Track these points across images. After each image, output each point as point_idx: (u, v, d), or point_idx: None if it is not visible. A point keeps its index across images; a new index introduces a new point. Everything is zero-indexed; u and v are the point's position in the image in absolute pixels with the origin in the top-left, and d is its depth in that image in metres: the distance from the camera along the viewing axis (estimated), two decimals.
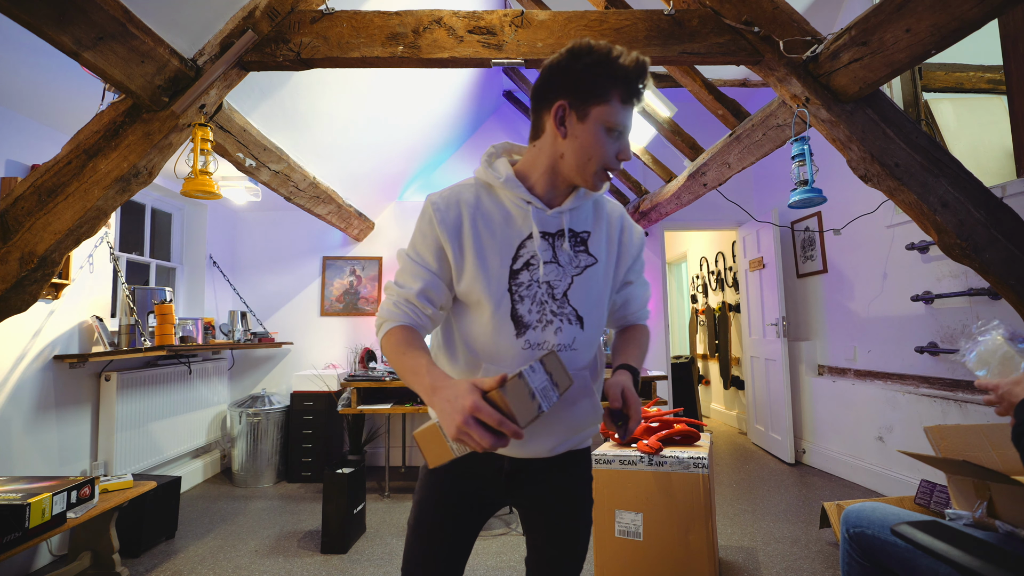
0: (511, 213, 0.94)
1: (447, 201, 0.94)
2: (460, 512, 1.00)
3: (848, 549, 1.44)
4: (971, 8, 1.34)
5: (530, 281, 0.93)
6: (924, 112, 3.04)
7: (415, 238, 0.96)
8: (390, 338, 0.91)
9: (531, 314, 0.92)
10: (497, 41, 1.84)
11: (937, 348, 2.87)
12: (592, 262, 0.97)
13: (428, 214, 0.94)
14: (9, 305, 1.68)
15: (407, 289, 0.93)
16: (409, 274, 0.95)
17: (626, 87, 0.86)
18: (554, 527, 1.03)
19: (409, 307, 0.93)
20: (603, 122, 0.87)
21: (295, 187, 2.98)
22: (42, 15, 1.26)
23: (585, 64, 0.86)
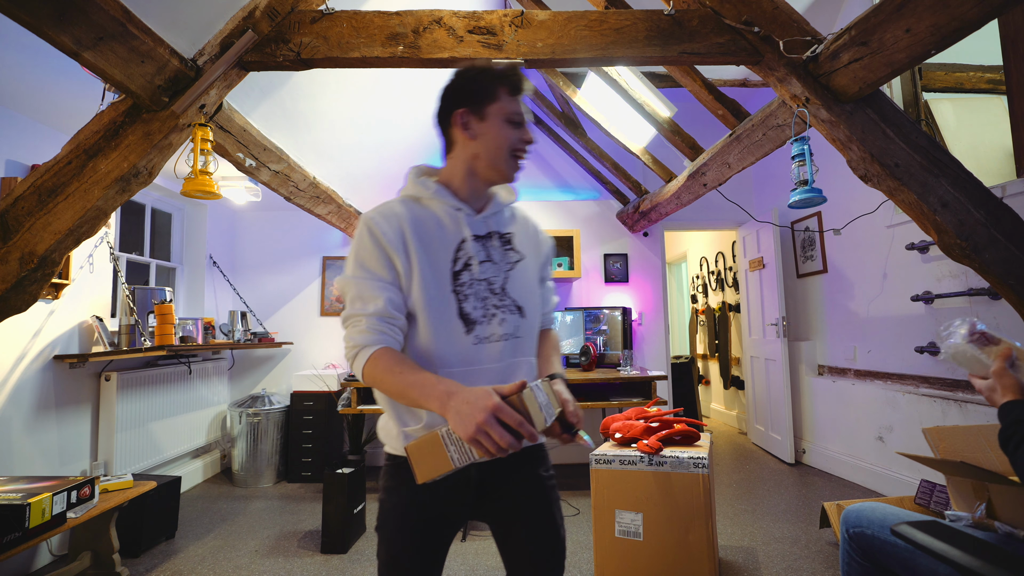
0: (443, 221, 1.02)
1: (385, 216, 0.98)
2: (434, 546, 1.01)
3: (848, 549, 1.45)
4: (971, 8, 1.34)
5: (471, 280, 1.00)
6: (924, 112, 3.04)
7: (360, 259, 0.96)
8: (377, 362, 0.89)
9: (476, 310, 0.99)
10: (497, 41, 1.84)
11: (937, 348, 2.87)
12: (520, 257, 1.08)
13: (370, 232, 0.96)
14: (9, 305, 1.67)
15: (372, 307, 0.93)
16: (368, 291, 0.94)
17: (508, 82, 1.00)
18: (532, 524, 1.05)
19: (383, 324, 0.93)
20: (501, 115, 1.00)
21: (295, 187, 2.98)
22: (42, 15, 1.26)
23: (470, 77, 1.01)
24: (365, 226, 0.98)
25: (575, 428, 0.93)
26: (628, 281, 4.53)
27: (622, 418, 2.39)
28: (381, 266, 0.95)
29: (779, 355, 4.06)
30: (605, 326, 4.07)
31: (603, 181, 4.54)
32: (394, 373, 0.87)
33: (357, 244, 0.98)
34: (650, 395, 3.43)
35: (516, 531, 1.04)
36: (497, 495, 1.04)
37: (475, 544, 2.64)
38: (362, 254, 0.96)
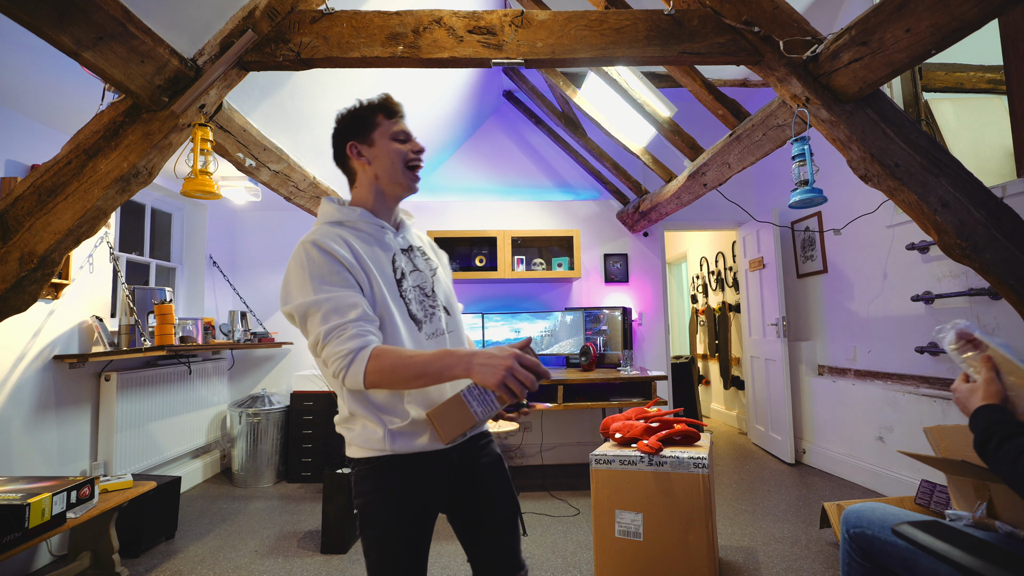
0: (374, 239, 1.11)
1: (330, 237, 1.03)
2: (425, 539, 1.07)
3: (848, 549, 1.44)
4: (971, 8, 1.34)
5: (409, 287, 1.11)
6: (924, 112, 3.04)
7: (320, 276, 0.98)
8: (381, 357, 0.92)
9: (420, 311, 1.11)
10: (497, 41, 1.84)
11: (937, 348, 2.87)
12: (436, 265, 1.23)
13: (322, 251, 1.00)
14: (9, 305, 1.67)
15: (353, 314, 0.95)
16: (343, 304, 0.96)
17: (383, 108, 1.13)
18: (499, 493, 1.16)
19: (370, 326, 0.97)
20: (385, 136, 1.12)
21: (295, 187, 2.98)
22: (42, 15, 1.26)
23: (348, 115, 1.15)
24: (314, 247, 1.00)
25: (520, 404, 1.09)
26: (628, 281, 4.53)
27: (622, 418, 2.39)
28: (344, 280, 0.98)
29: (779, 355, 4.05)
30: (605, 326, 4.07)
31: (603, 181, 4.54)
32: (401, 362, 0.91)
33: (310, 265, 0.99)
34: (650, 395, 3.42)
35: (487, 503, 1.15)
36: (469, 479, 1.14)
37: None
38: (320, 273, 0.98)
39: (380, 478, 1.03)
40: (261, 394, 3.94)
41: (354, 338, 0.93)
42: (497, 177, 4.69)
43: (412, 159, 1.12)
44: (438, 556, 2.49)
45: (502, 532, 1.15)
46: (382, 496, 1.03)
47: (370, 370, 0.91)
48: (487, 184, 4.68)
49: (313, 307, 0.96)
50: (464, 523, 1.16)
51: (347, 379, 0.92)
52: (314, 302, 0.96)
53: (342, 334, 0.94)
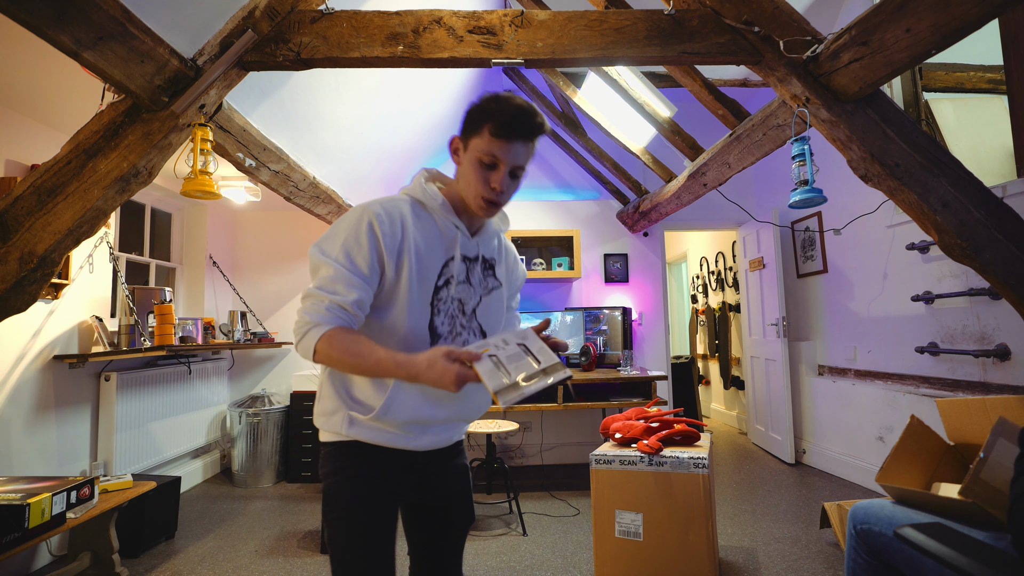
0: (440, 235, 1.04)
1: (390, 216, 0.98)
2: (392, 523, 1.04)
3: (854, 546, 1.44)
4: (971, 8, 1.33)
5: (447, 297, 1.03)
6: (924, 112, 3.04)
7: (347, 244, 0.95)
8: (332, 340, 0.90)
9: (443, 326, 1.03)
10: (497, 41, 1.84)
11: (938, 348, 2.87)
12: (497, 285, 1.13)
13: (370, 224, 0.95)
14: (9, 305, 1.67)
15: (340, 297, 0.93)
16: (342, 283, 0.94)
17: (496, 122, 0.95)
18: (459, 504, 1.15)
19: (343, 312, 0.93)
20: (475, 152, 0.98)
21: (295, 187, 2.98)
22: (42, 15, 1.26)
23: (476, 106, 0.99)
24: (366, 217, 0.96)
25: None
26: (628, 281, 4.52)
27: (622, 418, 2.39)
28: (366, 264, 0.95)
29: (779, 355, 4.05)
30: (605, 326, 4.07)
31: (603, 181, 4.53)
32: (350, 353, 0.90)
33: (350, 229, 0.96)
34: (650, 395, 3.42)
35: (443, 509, 1.14)
36: (433, 480, 1.12)
37: (475, 544, 2.64)
38: (352, 243, 0.95)
39: (347, 457, 1.02)
40: (261, 394, 3.94)
41: (322, 312, 0.92)
42: None
43: (485, 194, 0.99)
44: None
45: (450, 540, 1.14)
46: (347, 473, 1.02)
47: (319, 349, 0.91)
48: None
49: (322, 265, 0.96)
50: (415, 523, 1.15)
51: (298, 348, 0.93)
52: (326, 263, 0.95)
53: (318, 303, 0.93)
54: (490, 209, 1.01)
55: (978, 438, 1.69)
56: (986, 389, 2.61)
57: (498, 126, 0.95)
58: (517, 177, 1.01)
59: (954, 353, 2.76)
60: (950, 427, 1.78)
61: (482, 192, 0.99)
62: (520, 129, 0.96)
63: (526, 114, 0.95)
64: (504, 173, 0.98)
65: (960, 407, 1.76)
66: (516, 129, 0.95)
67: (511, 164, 0.98)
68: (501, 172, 0.98)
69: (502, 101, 0.96)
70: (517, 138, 0.96)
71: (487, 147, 0.96)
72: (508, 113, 0.95)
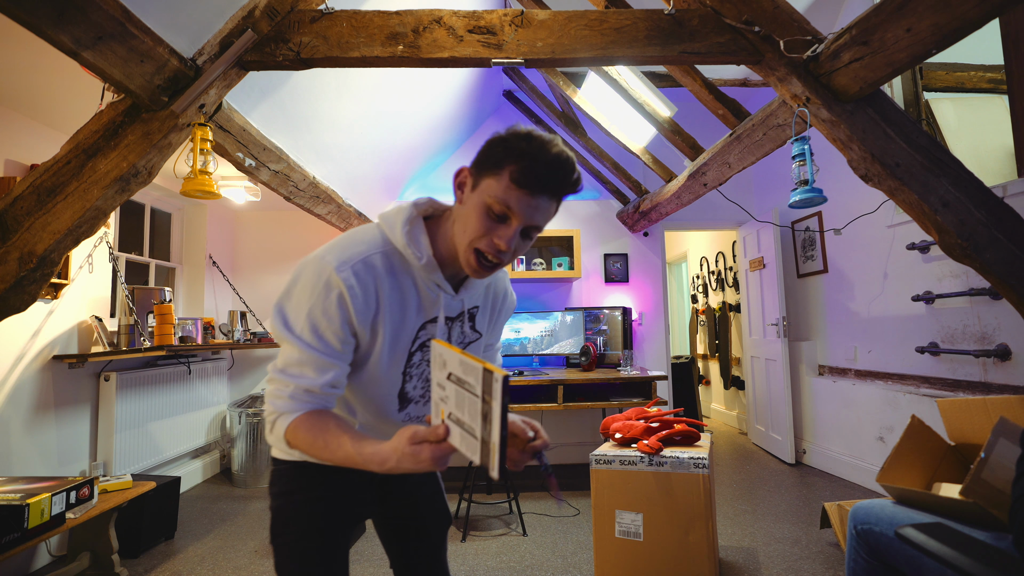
0: (420, 296, 0.89)
1: (362, 280, 0.81)
2: (344, 547, 0.98)
3: (855, 546, 1.44)
4: (972, 7, 1.33)
5: (420, 361, 0.93)
6: (925, 112, 3.04)
7: (314, 318, 0.80)
8: (298, 432, 0.80)
9: (415, 390, 0.95)
10: (497, 41, 1.84)
11: (938, 348, 2.87)
12: (476, 338, 1.01)
13: (340, 297, 0.80)
14: (8, 305, 1.67)
15: (308, 380, 0.81)
16: (310, 366, 0.81)
17: (523, 167, 0.75)
18: (431, 508, 1.11)
19: (311, 397, 0.82)
20: (485, 194, 0.78)
21: (295, 187, 2.98)
22: (41, 15, 1.26)
23: (499, 139, 0.79)
24: (335, 287, 0.80)
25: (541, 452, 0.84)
26: (628, 281, 4.52)
27: (622, 418, 2.39)
28: (338, 339, 0.82)
29: (779, 355, 4.05)
30: (605, 326, 4.07)
31: (603, 181, 4.53)
32: (318, 446, 0.79)
33: (316, 299, 0.80)
34: (650, 395, 3.42)
35: (414, 514, 1.09)
36: (395, 493, 1.07)
37: (475, 544, 2.63)
38: (319, 317, 0.80)
39: (303, 477, 0.95)
40: (261, 394, 3.93)
41: (286, 400, 0.82)
42: None
43: (483, 247, 0.80)
44: None
45: (427, 545, 1.10)
46: (303, 495, 0.95)
47: (291, 441, 0.82)
48: None
49: (287, 344, 0.83)
50: (389, 533, 1.10)
51: (270, 440, 0.85)
52: (291, 343, 0.82)
53: (282, 389, 0.82)
54: (482, 271, 0.83)
55: (979, 438, 1.69)
56: (987, 389, 2.61)
57: (524, 172, 0.76)
58: (530, 238, 0.83)
59: (955, 353, 2.76)
60: (951, 427, 1.79)
61: (479, 245, 0.80)
62: (551, 182, 0.77)
63: (563, 166, 0.77)
64: (515, 231, 0.79)
65: (961, 407, 1.76)
66: (546, 182, 0.77)
67: (527, 222, 0.79)
68: (512, 229, 0.79)
69: (536, 142, 0.76)
70: (544, 192, 0.77)
71: (503, 194, 0.77)
72: (542, 161, 0.76)
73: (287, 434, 0.81)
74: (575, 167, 0.79)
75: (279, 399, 0.82)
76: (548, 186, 0.77)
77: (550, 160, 0.76)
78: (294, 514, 0.95)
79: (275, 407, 0.82)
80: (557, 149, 0.77)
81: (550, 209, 0.81)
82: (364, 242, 0.85)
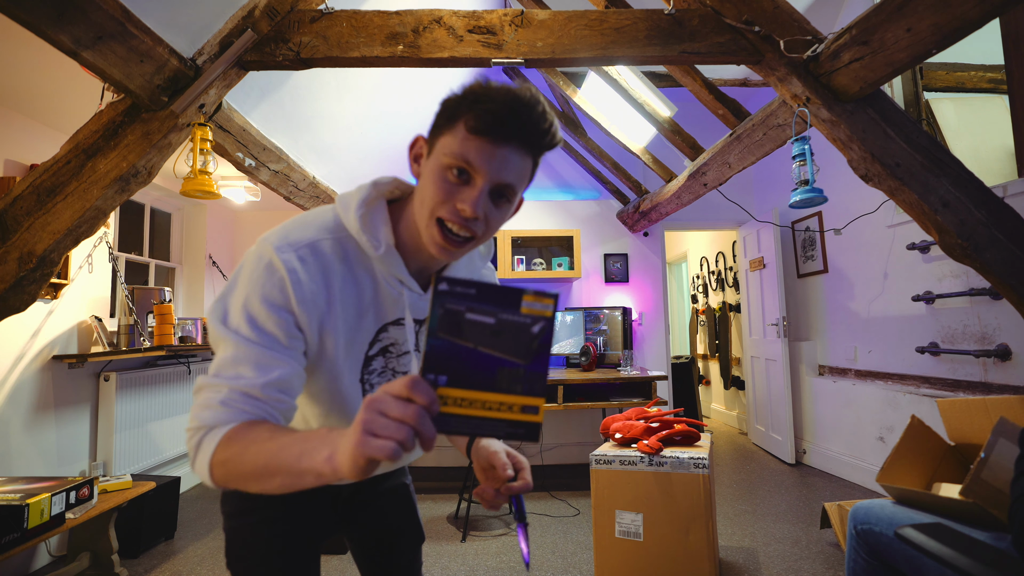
0: (380, 292, 0.75)
1: (308, 268, 0.67)
2: (308, 568, 0.90)
3: (855, 546, 1.44)
4: (972, 7, 1.33)
5: (383, 368, 0.78)
6: (925, 112, 3.04)
7: (250, 306, 0.64)
8: (230, 446, 0.58)
9: None
10: (497, 41, 1.84)
11: (938, 348, 2.87)
12: None
13: (278, 276, 0.65)
14: (8, 305, 1.67)
15: (244, 380, 0.62)
16: (248, 363, 0.62)
17: (479, 111, 0.61)
18: (401, 523, 1.02)
19: (249, 401, 0.61)
20: (441, 155, 0.64)
21: (295, 187, 2.98)
22: (41, 14, 1.26)
23: (451, 98, 0.66)
24: (277, 270, 0.66)
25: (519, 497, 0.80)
26: (628, 281, 4.52)
27: (622, 418, 2.39)
28: (278, 327, 0.65)
29: (779, 355, 4.05)
30: (605, 326, 4.07)
31: (603, 181, 4.53)
32: (250, 457, 0.56)
33: (253, 284, 0.65)
34: (650, 395, 3.42)
35: (384, 530, 1.01)
36: (360, 512, 0.99)
37: (475, 544, 2.63)
38: (256, 305, 0.64)
39: (254, 497, 0.84)
40: None
41: (215, 407, 0.60)
42: None
43: (445, 215, 0.65)
44: (438, 557, 2.49)
45: (399, 563, 1.01)
46: (260, 515, 0.87)
47: (216, 472, 0.58)
48: None
49: (221, 342, 0.65)
50: (357, 550, 1.03)
51: (195, 470, 0.60)
52: (224, 337, 0.64)
53: (213, 396, 0.61)
54: (448, 246, 0.67)
55: (979, 438, 1.69)
56: (987, 389, 2.61)
57: (481, 117, 0.61)
58: (506, 200, 0.67)
59: (955, 353, 2.76)
60: (951, 427, 1.79)
61: (440, 213, 0.65)
62: (516, 127, 0.62)
63: (528, 108, 0.62)
64: (481, 191, 0.63)
65: (961, 407, 1.76)
66: (511, 126, 0.62)
67: (494, 178, 0.63)
68: (477, 189, 0.64)
69: (495, 85, 0.63)
70: (509, 140, 0.62)
71: (460, 148, 0.63)
72: (501, 101, 0.61)
73: (215, 456, 0.58)
74: (548, 114, 0.64)
75: (207, 409, 0.60)
76: (513, 132, 0.62)
77: (511, 100, 0.62)
78: (251, 538, 0.86)
79: (200, 421, 0.60)
80: (522, 91, 0.63)
81: (523, 165, 0.65)
82: (314, 225, 0.71)
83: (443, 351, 0.46)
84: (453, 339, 0.46)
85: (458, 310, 0.46)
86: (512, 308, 0.47)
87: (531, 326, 0.47)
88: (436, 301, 0.45)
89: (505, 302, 0.46)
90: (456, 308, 0.46)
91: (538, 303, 0.47)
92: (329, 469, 0.49)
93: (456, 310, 0.46)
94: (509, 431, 0.49)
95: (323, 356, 0.72)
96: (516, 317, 0.47)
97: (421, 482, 3.67)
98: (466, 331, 0.46)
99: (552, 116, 0.66)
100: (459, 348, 0.47)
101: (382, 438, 0.44)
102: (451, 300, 0.45)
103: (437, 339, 0.46)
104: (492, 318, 0.47)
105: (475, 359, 0.47)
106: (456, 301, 0.46)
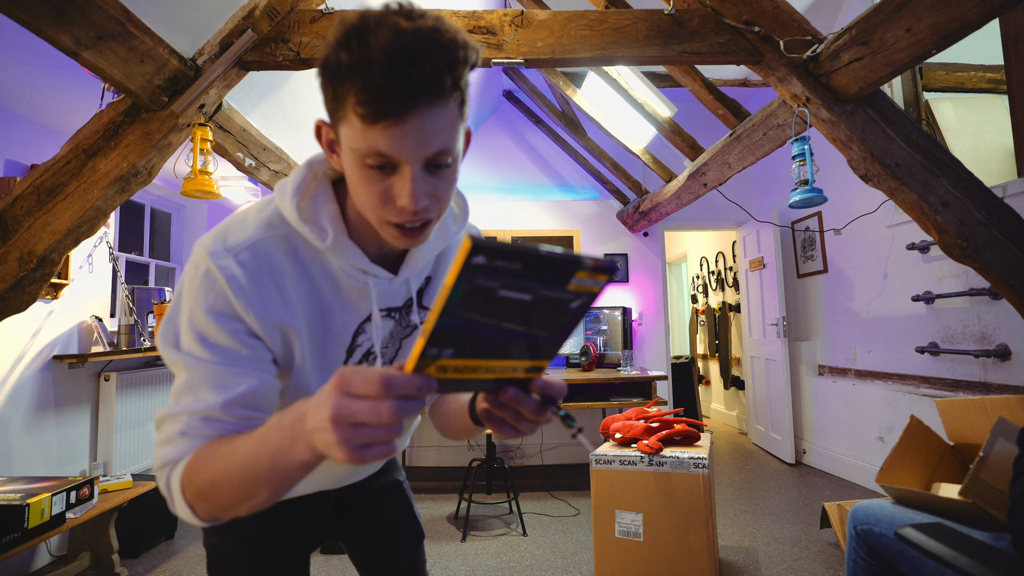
0: (342, 287, 0.66)
1: (248, 271, 0.59)
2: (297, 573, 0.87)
3: (855, 546, 1.44)
4: (972, 8, 1.33)
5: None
6: (925, 112, 3.04)
7: (195, 321, 0.58)
8: (193, 487, 0.52)
9: None
10: (497, 41, 1.84)
11: (938, 348, 2.87)
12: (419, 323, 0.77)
13: (218, 287, 0.58)
14: (8, 305, 1.67)
15: (203, 403, 0.56)
16: (205, 385, 0.56)
17: (360, 91, 0.49)
18: (395, 524, 0.99)
19: (210, 424, 0.56)
20: (349, 148, 0.55)
21: None
22: (41, 15, 1.26)
23: (329, 44, 0.51)
24: (211, 272, 0.58)
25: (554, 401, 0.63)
26: (628, 281, 4.52)
27: (622, 418, 2.39)
28: (236, 341, 0.58)
29: (779, 355, 4.05)
30: (605, 326, 4.07)
31: (603, 181, 4.53)
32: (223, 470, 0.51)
33: (192, 297, 0.58)
34: (650, 395, 3.42)
35: (380, 531, 0.97)
36: (353, 515, 0.95)
37: (475, 544, 2.63)
38: (200, 317, 0.58)
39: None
40: None
41: (176, 440, 0.55)
42: (497, 177, 4.69)
43: (384, 216, 0.57)
44: (438, 557, 2.49)
45: (397, 565, 0.98)
46: (246, 529, 0.82)
47: (188, 491, 0.53)
48: (487, 184, 4.67)
49: (176, 368, 0.59)
50: (356, 553, 1.00)
51: (175, 510, 0.54)
52: (178, 361, 0.58)
53: (173, 426, 0.56)
54: (411, 239, 0.59)
55: (978, 438, 1.69)
56: (986, 389, 2.61)
57: (366, 100, 0.49)
58: (447, 164, 0.56)
59: (954, 353, 2.76)
60: (950, 427, 1.79)
61: (387, 218, 0.57)
62: (408, 88, 0.48)
63: (412, 50, 0.47)
64: (413, 177, 0.54)
65: (960, 407, 1.76)
66: (404, 92, 0.48)
67: (420, 157, 0.53)
68: (407, 178, 0.54)
69: (367, 37, 0.47)
70: (409, 107, 0.49)
71: (363, 142, 0.52)
72: (377, 65, 0.47)
73: (186, 493, 0.53)
74: (442, 32, 0.48)
75: (168, 444, 0.55)
76: (411, 93, 0.49)
77: (391, 54, 0.47)
78: (233, 554, 0.82)
79: (164, 459, 0.55)
80: (403, 27, 0.47)
81: (445, 116, 0.52)
82: (254, 222, 0.62)
83: (454, 327, 0.38)
84: (472, 316, 0.38)
85: (490, 287, 0.36)
86: (559, 284, 0.38)
87: (571, 302, 0.40)
88: (464, 275, 0.35)
89: (553, 277, 0.37)
90: (488, 285, 0.36)
91: (589, 279, 0.38)
92: (310, 455, 0.45)
93: (487, 287, 0.36)
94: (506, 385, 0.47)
95: (291, 367, 0.65)
96: (559, 294, 0.39)
97: (421, 482, 3.67)
98: (492, 308, 0.38)
99: (452, 29, 0.50)
100: (476, 324, 0.38)
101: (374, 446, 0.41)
102: (484, 276, 0.35)
103: (452, 316, 0.37)
104: (530, 295, 0.38)
105: (491, 333, 0.39)
106: (490, 277, 0.36)
